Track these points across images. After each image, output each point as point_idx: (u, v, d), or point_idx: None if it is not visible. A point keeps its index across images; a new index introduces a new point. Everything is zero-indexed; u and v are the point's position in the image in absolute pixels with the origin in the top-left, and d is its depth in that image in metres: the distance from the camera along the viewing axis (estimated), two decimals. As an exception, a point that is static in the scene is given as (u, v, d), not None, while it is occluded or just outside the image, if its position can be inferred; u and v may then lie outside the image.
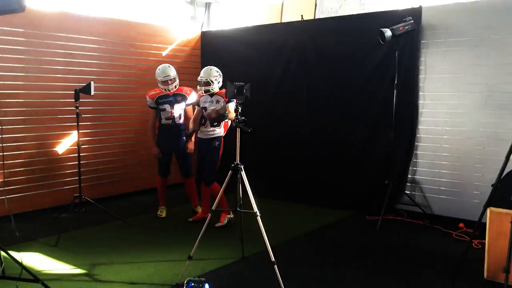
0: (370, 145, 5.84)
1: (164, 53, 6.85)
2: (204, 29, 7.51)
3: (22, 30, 5.22)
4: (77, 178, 5.04)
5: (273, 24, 6.83)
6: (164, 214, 5.55)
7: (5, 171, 5.15)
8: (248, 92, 3.74)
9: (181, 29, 7.13)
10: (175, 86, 5.41)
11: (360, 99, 5.88)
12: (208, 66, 5.20)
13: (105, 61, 6.09)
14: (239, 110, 3.69)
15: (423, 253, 4.41)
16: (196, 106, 5.20)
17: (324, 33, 6.14)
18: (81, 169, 5.70)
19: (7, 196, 5.15)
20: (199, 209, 5.53)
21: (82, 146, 5.65)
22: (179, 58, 7.06)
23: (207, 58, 7.38)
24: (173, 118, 5.40)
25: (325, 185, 6.17)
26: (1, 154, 4.32)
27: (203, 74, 5.06)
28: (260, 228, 3.55)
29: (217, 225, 5.14)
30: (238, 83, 3.74)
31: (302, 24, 6.41)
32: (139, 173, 6.58)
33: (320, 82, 6.20)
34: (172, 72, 5.37)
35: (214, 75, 5.09)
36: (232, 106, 4.87)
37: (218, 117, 4.67)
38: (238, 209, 3.80)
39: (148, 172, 6.44)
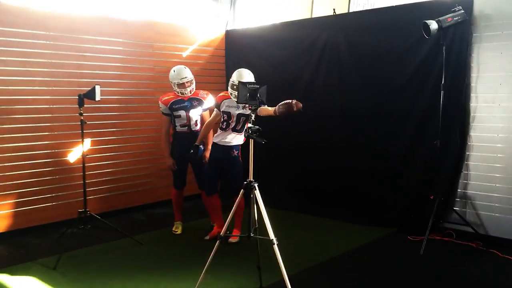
0: (412, 155, 5.12)
1: (184, 54, 6.36)
2: (229, 28, 6.97)
3: (28, 31, 4.83)
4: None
5: (302, 20, 6.19)
6: (179, 231, 5.02)
7: (12, 182, 4.79)
8: (264, 96, 3.16)
9: (203, 28, 6.62)
10: (192, 90, 4.89)
11: (401, 103, 5.16)
12: (242, 69, 4.67)
13: (120, 63, 5.63)
14: (253, 118, 3.10)
15: (475, 284, 3.74)
16: (215, 109, 4.65)
17: (359, 29, 5.46)
18: (92, 180, 5.37)
19: (14, 210, 4.84)
20: None
21: (94, 155, 5.30)
22: (201, 59, 6.55)
23: (231, 58, 6.85)
24: (189, 125, 4.88)
25: (361, 199, 5.49)
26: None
27: (234, 78, 4.54)
28: (277, 259, 2.94)
29: (230, 240, 4.63)
30: (252, 85, 3.15)
31: (335, 19, 5.75)
32: (155, 183, 6.09)
33: (355, 84, 5.52)
34: (189, 73, 4.86)
35: (246, 77, 4.56)
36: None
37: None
38: (252, 235, 3.21)
39: (166, 182, 5.92)
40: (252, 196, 3.14)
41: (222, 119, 4.59)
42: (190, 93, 4.87)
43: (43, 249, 4.50)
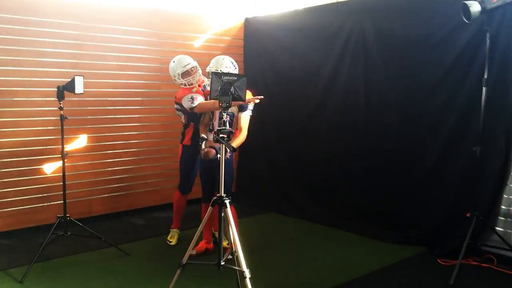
0: (446, 163, 4.33)
1: (196, 44, 5.81)
2: (250, 15, 6.34)
3: (19, 16, 4.43)
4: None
5: (325, 5, 5.46)
6: (174, 241, 4.47)
7: None
8: (241, 91, 2.53)
9: (219, 15, 6.02)
10: (198, 80, 4.24)
11: (435, 101, 4.37)
12: (221, 55, 4.05)
13: (121, 53, 5.15)
14: (224, 118, 2.49)
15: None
16: None
17: (389, 14, 4.70)
18: (93, 179, 5.00)
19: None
20: (224, 241, 4.45)
21: (92, 153, 4.92)
22: (217, 49, 5.94)
23: (251, 49, 6.24)
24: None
25: (387, 212, 4.76)
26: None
27: (212, 64, 3.93)
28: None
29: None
30: (228, 77, 2.53)
31: (362, 3, 5.00)
32: (161, 184, 5.60)
33: (382, 80, 4.77)
34: (191, 59, 4.24)
35: (227, 65, 3.92)
36: (245, 117, 3.71)
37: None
38: (223, 264, 2.60)
39: (172, 182, 5.42)
40: (222, 215, 2.53)
41: (208, 118, 3.99)
42: (197, 82, 4.26)
43: (16, 257, 4.05)
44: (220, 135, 2.46)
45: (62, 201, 4.03)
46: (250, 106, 3.94)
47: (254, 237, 4.68)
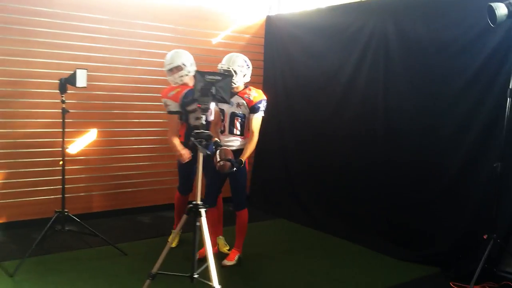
0: (464, 180, 4.00)
1: (214, 41, 5.66)
2: (272, 13, 6.13)
3: (30, 7, 4.40)
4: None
5: (347, 4, 5.19)
6: (175, 244, 4.32)
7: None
8: (225, 92, 2.35)
9: (239, 12, 5.85)
10: (181, 79, 4.09)
11: (457, 111, 4.04)
12: (234, 53, 3.89)
13: (134, 47, 5.07)
14: (202, 120, 2.31)
15: None
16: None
17: (413, 16, 4.40)
18: (96, 175, 4.96)
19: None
20: (221, 240, 4.31)
21: (101, 148, 4.97)
22: (235, 47, 5.78)
23: (271, 48, 6.05)
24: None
25: (400, 229, 4.47)
26: None
27: (224, 62, 3.77)
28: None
29: (225, 263, 3.93)
30: (211, 76, 2.35)
31: (384, 3, 4.71)
32: (170, 183, 5.47)
33: (402, 85, 4.47)
34: (178, 58, 4.06)
35: (239, 63, 3.76)
36: (257, 120, 3.58)
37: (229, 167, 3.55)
38: (196, 276, 2.43)
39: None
40: (197, 224, 2.36)
41: (218, 117, 3.84)
42: (180, 82, 4.06)
43: (13, 250, 4.02)
44: (197, 139, 2.29)
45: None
46: (262, 107, 3.79)
47: (258, 244, 4.52)
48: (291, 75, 5.71)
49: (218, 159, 3.51)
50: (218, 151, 3.55)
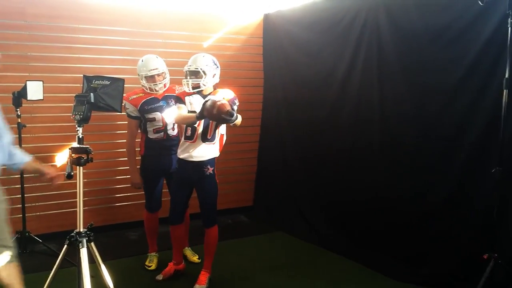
0: (463, 190, 3.41)
1: (206, 44, 5.33)
2: (270, 11, 5.70)
3: (2, 20, 4.31)
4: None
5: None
6: (154, 266, 4.02)
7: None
8: (112, 98, 2.07)
9: (234, 12, 5.49)
10: (165, 85, 3.88)
11: (453, 108, 3.47)
12: (200, 53, 3.59)
13: (117, 56, 4.85)
14: (80, 134, 1.99)
15: None
16: (181, 106, 3.59)
17: (405, 2, 3.85)
18: (87, 189, 4.71)
19: None
20: (188, 251, 4.07)
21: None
22: (230, 49, 5.44)
23: (271, 49, 5.65)
24: (165, 130, 3.88)
25: (393, 246, 3.97)
26: None
27: (190, 62, 3.50)
28: None
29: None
30: (100, 80, 2.04)
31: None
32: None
33: (396, 80, 3.94)
34: (161, 64, 3.85)
35: (206, 63, 3.46)
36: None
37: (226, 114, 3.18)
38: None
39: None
40: (79, 256, 2.03)
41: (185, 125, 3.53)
42: (161, 89, 3.86)
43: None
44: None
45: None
46: (236, 107, 3.47)
47: (248, 260, 4.26)
48: (290, 76, 5.28)
49: (216, 100, 3.20)
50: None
